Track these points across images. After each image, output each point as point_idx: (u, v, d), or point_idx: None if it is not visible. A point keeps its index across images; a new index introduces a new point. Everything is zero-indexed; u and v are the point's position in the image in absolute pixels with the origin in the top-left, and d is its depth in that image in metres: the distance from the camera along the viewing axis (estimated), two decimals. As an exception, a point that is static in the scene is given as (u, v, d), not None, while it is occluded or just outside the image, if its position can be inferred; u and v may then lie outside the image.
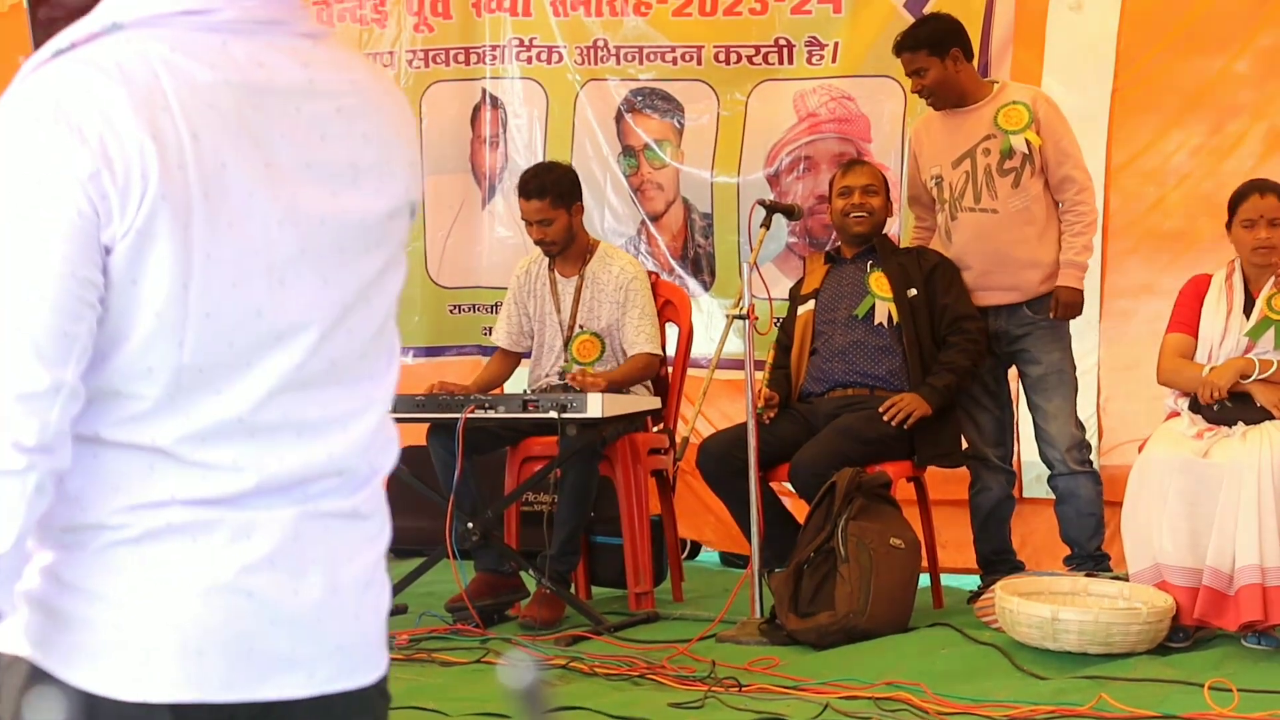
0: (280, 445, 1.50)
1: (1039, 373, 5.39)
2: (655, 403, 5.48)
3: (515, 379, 5.92)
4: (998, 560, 5.44)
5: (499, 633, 5.14)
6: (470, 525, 5.17)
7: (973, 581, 5.57)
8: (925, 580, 5.24)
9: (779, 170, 6.47)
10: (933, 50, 5.35)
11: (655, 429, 5.60)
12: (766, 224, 5.30)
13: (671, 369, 5.73)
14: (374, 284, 1.57)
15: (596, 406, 4.96)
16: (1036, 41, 6.06)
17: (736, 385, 5.72)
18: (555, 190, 5.47)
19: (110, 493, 1.45)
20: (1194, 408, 4.87)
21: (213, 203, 1.44)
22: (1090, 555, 5.32)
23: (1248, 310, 4.92)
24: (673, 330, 5.80)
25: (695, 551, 6.77)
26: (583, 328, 5.54)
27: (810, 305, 5.54)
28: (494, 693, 3.81)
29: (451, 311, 6.92)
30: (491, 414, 5.10)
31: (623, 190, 6.71)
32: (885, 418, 5.20)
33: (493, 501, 5.41)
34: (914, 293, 5.38)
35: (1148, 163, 5.95)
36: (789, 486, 5.44)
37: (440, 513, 5.13)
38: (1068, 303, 5.33)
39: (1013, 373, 5.55)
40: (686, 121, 6.62)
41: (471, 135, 6.90)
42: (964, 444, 5.44)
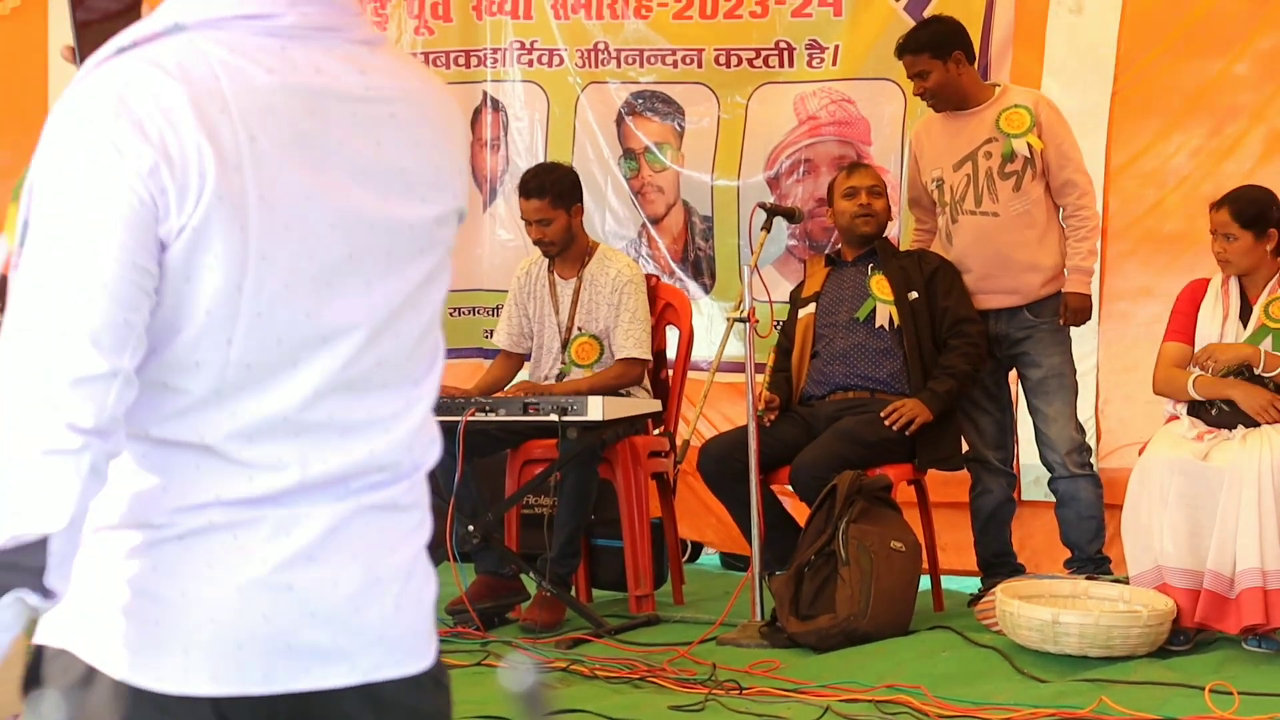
0: (324, 445, 1.52)
1: (1039, 376, 5.39)
2: (656, 405, 5.47)
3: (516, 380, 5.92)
4: (998, 563, 5.44)
5: (499, 635, 5.13)
6: (470, 528, 5.17)
7: (973, 583, 5.56)
8: (926, 583, 5.24)
9: (779, 173, 6.47)
10: (935, 53, 5.35)
11: (656, 432, 5.59)
12: (767, 227, 5.30)
13: (672, 372, 5.73)
14: (421, 289, 1.59)
15: (597, 409, 4.96)
16: (1036, 44, 6.06)
17: (737, 388, 5.72)
18: (555, 190, 5.46)
19: (158, 494, 1.48)
20: (1193, 411, 4.87)
21: (268, 204, 1.46)
22: (1091, 558, 5.32)
23: (1244, 316, 4.91)
24: (673, 333, 5.80)
25: (696, 554, 6.76)
26: (581, 330, 5.54)
27: (811, 308, 5.54)
28: (494, 695, 3.80)
29: (452, 314, 6.91)
30: (492, 417, 5.10)
31: (623, 193, 6.71)
32: (887, 423, 5.20)
33: (493, 504, 5.40)
34: (915, 296, 5.38)
35: (1147, 165, 5.95)
36: (790, 489, 5.44)
37: (440, 515, 5.12)
38: (1077, 309, 5.32)
39: (1012, 375, 5.55)
40: (687, 124, 6.62)
41: (472, 138, 6.89)
42: (964, 447, 5.45)
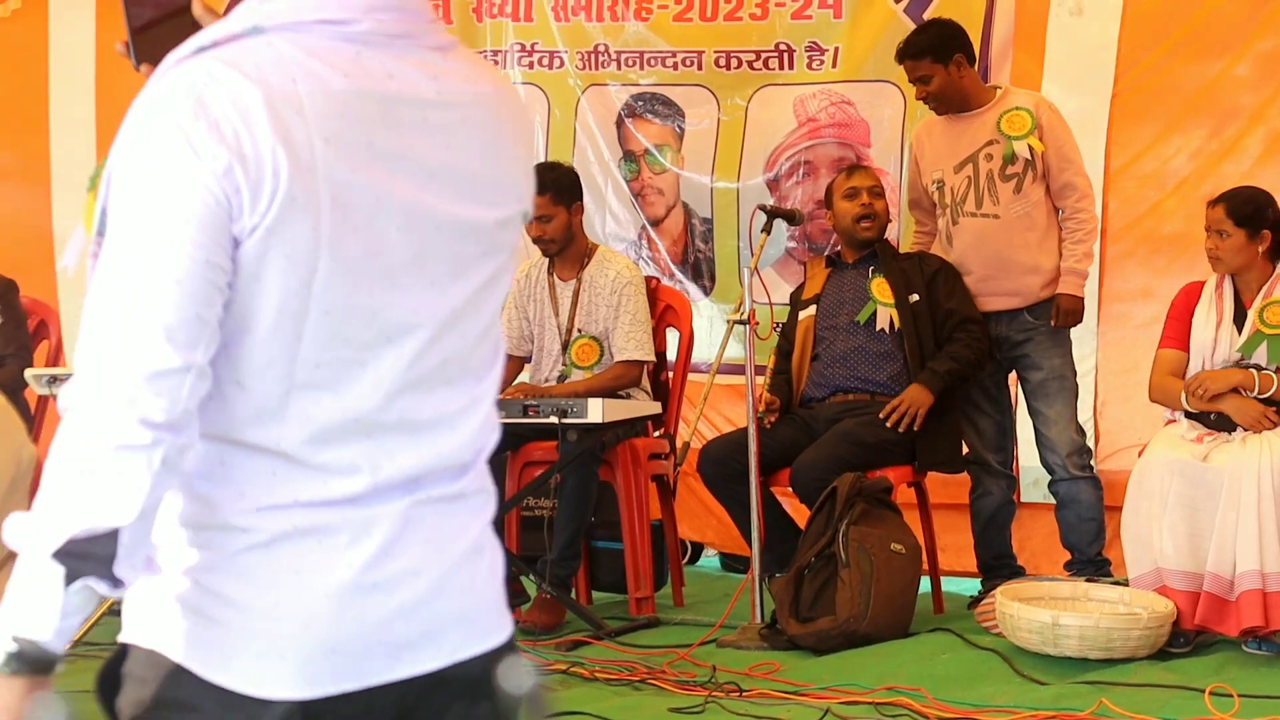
0: (394, 446, 1.55)
1: (1040, 378, 5.39)
2: (656, 408, 5.47)
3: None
4: (998, 565, 5.44)
5: (499, 638, 5.13)
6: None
7: (973, 583, 5.56)
8: (926, 585, 5.24)
9: (779, 175, 6.48)
10: (936, 57, 5.34)
11: (656, 434, 5.59)
12: (768, 229, 5.30)
13: (672, 374, 5.73)
14: (483, 290, 1.62)
15: (597, 411, 4.95)
16: (1037, 46, 6.06)
17: (737, 390, 5.72)
18: (555, 187, 5.46)
19: (236, 496, 1.51)
20: (1191, 414, 4.87)
21: (339, 206, 1.49)
22: (1091, 560, 5.32)
23: (1238, 320, 4.89)
24: (673, 335, 5.79)
25: (696, 556, 6.76)
26: (581, 331, 5.53)
27: (811, 310, 5.53)
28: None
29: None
30: (492, 419, 5.08)
31: (623, 195, 6.71)
32: (889, 424, 5.20)
33: (493, 506, 5.39)
34: (916, 298, 5.37)
35: (1147, 166, 5.95)
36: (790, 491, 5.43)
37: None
38: (1068, 310, 5.32)
39: (1012, 378, 5.55)
40: (687, 126, 6.63)
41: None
42: (964, 449, 5.45)
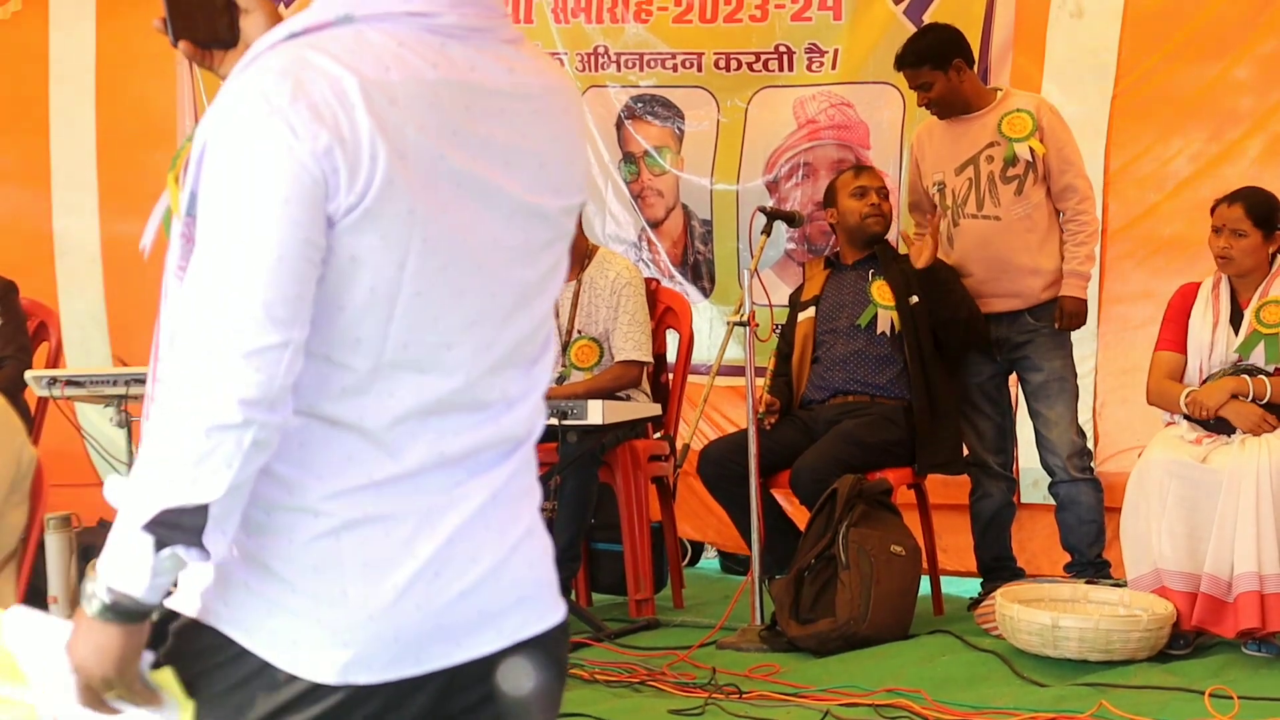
0: (461, 424, 1.60)
1: (1040, 380, 5.39)
2: (655, 409, 5.47)
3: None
4: (998, 567, 5.44)
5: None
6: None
7: (973, 585, 5.56)
8: (926, 586, 5.24)
9: (778, 177, 6.47)
10: (936, 64, 5.34)
11: (656, 436, 5.59)
12: (768, 231, 5.30)
13: (672, 375, 5.73)
14: (548, 274, 1.68)
15: (597, 413, 4.96)
16: (1037, 48, 6.05)
17: (737, 391, 5.72)
18: None
19: (315, 480, 1.54)
20: (1190, 416, 4.86)
21: (430, 191, 1.55)
22: (1091, 562, 5.32)
23: (1235, 320, 4.89)
24: (673, 337, 5.79)
25: (695, 558, 6.76)
26: (581, 333, 5.53)
27: (810, 312, 5.53)
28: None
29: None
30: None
31: (623, 197, 6.71)
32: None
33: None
34: (915, 300, 5.37)
35: (1147, 168, 5.94)
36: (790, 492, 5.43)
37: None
38: (1072, 312, 5.32)
39: (1012, 379, 5.55)
40: (686, 128, 6.62)
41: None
42: (964, 451, 5.45)
